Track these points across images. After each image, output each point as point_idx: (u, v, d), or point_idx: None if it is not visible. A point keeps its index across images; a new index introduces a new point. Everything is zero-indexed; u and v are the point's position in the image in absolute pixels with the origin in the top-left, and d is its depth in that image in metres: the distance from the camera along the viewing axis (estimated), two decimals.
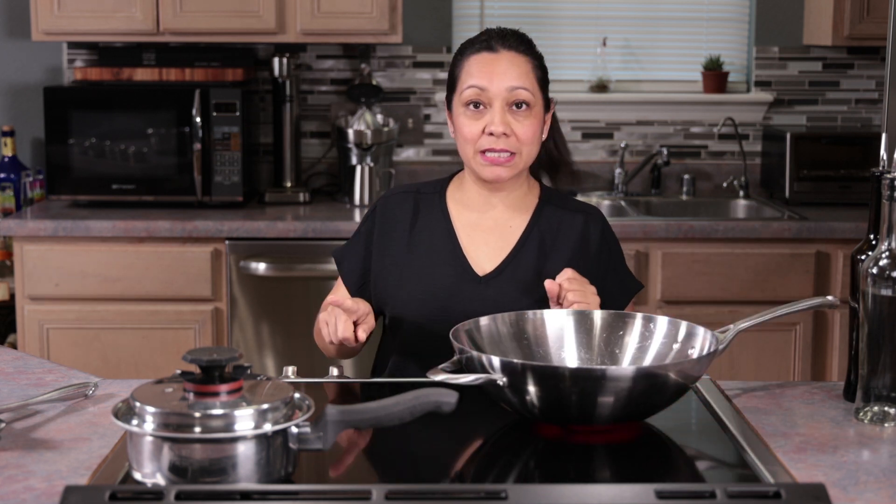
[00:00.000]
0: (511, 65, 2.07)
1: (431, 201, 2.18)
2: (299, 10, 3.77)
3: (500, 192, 2.14)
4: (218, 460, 1.36)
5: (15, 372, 1.96)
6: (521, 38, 2.13)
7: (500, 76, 2.06)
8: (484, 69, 2.07)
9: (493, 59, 2.08)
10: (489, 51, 2.09)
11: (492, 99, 2.06)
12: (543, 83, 2.12)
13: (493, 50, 2.09)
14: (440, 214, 2.16)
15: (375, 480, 1.50)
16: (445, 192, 2.19)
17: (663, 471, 1.56)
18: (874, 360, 1.66)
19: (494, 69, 2.07)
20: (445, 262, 2.11)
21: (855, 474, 1.48)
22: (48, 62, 4.14)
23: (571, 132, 4.25)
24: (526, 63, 2.09)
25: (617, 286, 2.17)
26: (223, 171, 3.75)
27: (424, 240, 2.14)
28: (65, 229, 3.57)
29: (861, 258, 1.74)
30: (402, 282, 2.11)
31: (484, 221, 2.15)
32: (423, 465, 1.59)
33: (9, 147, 4.02)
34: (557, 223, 2.15)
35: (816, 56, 4.23)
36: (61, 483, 1.43)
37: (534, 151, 2.11)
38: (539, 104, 2.10)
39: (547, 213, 2.16)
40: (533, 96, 2.08)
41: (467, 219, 2.15)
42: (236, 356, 1.41)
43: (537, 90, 2.09)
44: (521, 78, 2.07)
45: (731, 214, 4.10)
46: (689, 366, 1.62)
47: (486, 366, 1.60)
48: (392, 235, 2.15)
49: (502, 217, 2.15)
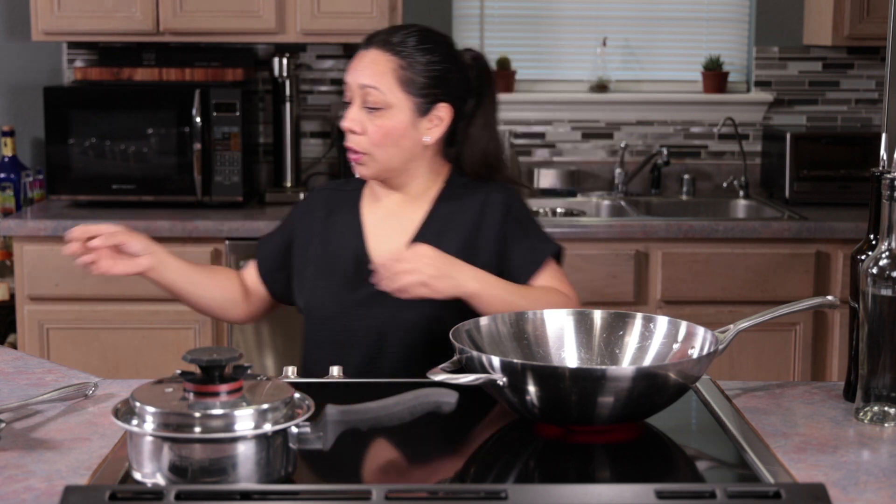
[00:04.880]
0: (370, 63, 2.06)
1: (350, 198, 2.20)
2: (299, 10, 3.77)
3: (394, 186, 2.14)
4: (218, 460, 1.36)
5: (15, 372, 1.96)
6: (395, 37, 2.08)
7: (356, 73, 2.07)
8: (352, 66, 2.09)
9: (360, 56, 2.09)
10: (363, 47, 2.10)
11: (353, 96, 2.08)
12: (413, 84, 2.06)
13: (365, 47, 2.09)
14: (354, 210, 2.18)
15: (375, 480, 1.50)
16: (363, 189, 2.20)
17: (663, 471, 1.55)
18: (874, 360, 1.66)
19: (356, 66, 2.08)
20: (349, 256, 2.13)
21: (855, 474, 1.48)
22: (48, 62, 4.14)
23: (571, 132, 4.25)
24: (386, 63, 2.05)
25: (527, 252, 2.09)
26: (223, 171, 3.75)
27: (336, 235, 2.16)
28: (65, 229, 3.53)
29: (861, 258, 1.74)
30: (311, 275, 2.15)
31: (386, 215, 2.16)
32: (423, 465, 1.59)
33: (9, 147, 4.02)
34: (456, 208, 2.12)
35: (816, 56, 4.23)
36: (61, 483, 1.43)
37: (393, 153, 2.07)
38: (404, 106, 2.05)
39: (447, 200, 2.13)
40: (386, 96, 2.04)
41: (374, 214, 2.17)
42: (236, 356, 1.41)
43: (397, 91, 2.05)
44: (374, 77, 2.05)
45: (731, 214, 4.10)
46: (689, 366, 1.62)
47: (486, 366, 1.60)
48: (312, 230, 2.18)
49: (402, 210, 2.15)
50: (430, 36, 2.11)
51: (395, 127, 2.06)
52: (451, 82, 2.10)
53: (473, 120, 2.15)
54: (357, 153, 2.08)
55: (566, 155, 4.26)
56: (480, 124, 2.16)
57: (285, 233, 2.23)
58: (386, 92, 2.05)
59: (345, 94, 2.10)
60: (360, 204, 2.19)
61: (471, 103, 2.15)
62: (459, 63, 2.13)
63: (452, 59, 2.12)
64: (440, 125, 2.10)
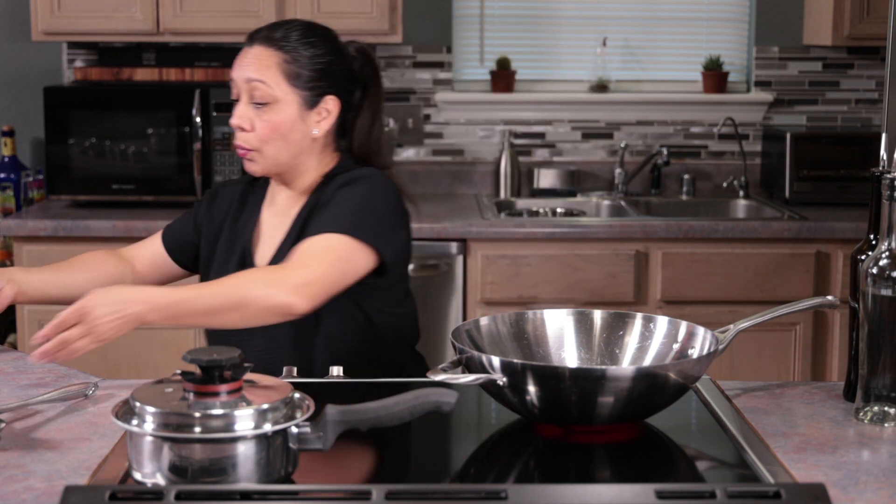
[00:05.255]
0: (254, 59, 2.06)
1: (257, 194, 2.21)
2: (299, 10, 3.77)
3: (286, 182, 2.14)
4: (218, 460, 1.36)
5: (15, 372, 1.96)
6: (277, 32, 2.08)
7: (242, 69, 2.07)
8: (236, 63, 2.08)
9: (244, 52, 2.09)
10: (247, 44, 2.09)
11: (239, 92, 2.07)
12: (299, 78, 2.05)
13: (248, 43, 2.09)
14: (255, 207, 2.19)
15: (375, 480, 1.50)
16: (268, 186, 2.20)
17: (663, 471, 1.55)
18: (874, 360, 1.66)
19: (241, 62, 2.08)
20: (236, 257, 2.14)
21: (855, 474, 1.48)
22: (48, 62, 4.14)
23: (571, 132, 4.25)
24: (271, 57, 2.05)
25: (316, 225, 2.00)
26: (223, 171, 3.75)
27: (236, 231, 2.18)
28: (65, 229, 3.56)
29: (861, 258, 1.74)
30: (214, 270, 2.16)
31: (275, 213, 2.16)
32: (423, 465, 1.59)
33: (9, 147, 4.02)
34: (321, 197, 2.09)
35: (816, 56, 4.23)
36: (61, 483, 1.43)
37: (282, 147, 2.06)
38: (291, 100, 2.05)
39: (319, 191, 2.11)
40: (273, 91, 2.04)
41: (268, 212, 2.18)
42: (236, 356, 1.41)
43: (284, 85, 2.05)
44: (260, 72, 2.05)
45: (731, 214, 4.10)
46: (689, 366, 1.62)
47: (486, 366, 1.60)
48: (221, 224, 2.20)
49: (290, 207, 2.15)
50: (313, 30, 2.11)
51: (283, 121, 2.06)
52: (337, 75, 2.10)
53: (361, 111, 2.15)
54: (246, 150, 2.08)
55: (566, 155, 4.26)
56: (368, 115, 2.15)
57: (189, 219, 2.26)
58: (273, 86, 2.04)
59: (231, 91, 2.09)
60: (262, 203, 2.20)
61: (357, 95, 2.15)
62: (344, 55, 2.13)
63: (337, 52, 2.12)
64: (328, 118, 2.10)
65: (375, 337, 2.09)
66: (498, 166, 4.15)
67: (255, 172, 2.11)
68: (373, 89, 2.16)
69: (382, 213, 2.03)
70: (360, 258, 1.97)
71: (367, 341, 2.08)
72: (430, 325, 3.63)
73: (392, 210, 2.06)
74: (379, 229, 2.00)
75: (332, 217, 1.99)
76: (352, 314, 2.05)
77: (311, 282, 1.86)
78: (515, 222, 3.64)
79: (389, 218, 2.04)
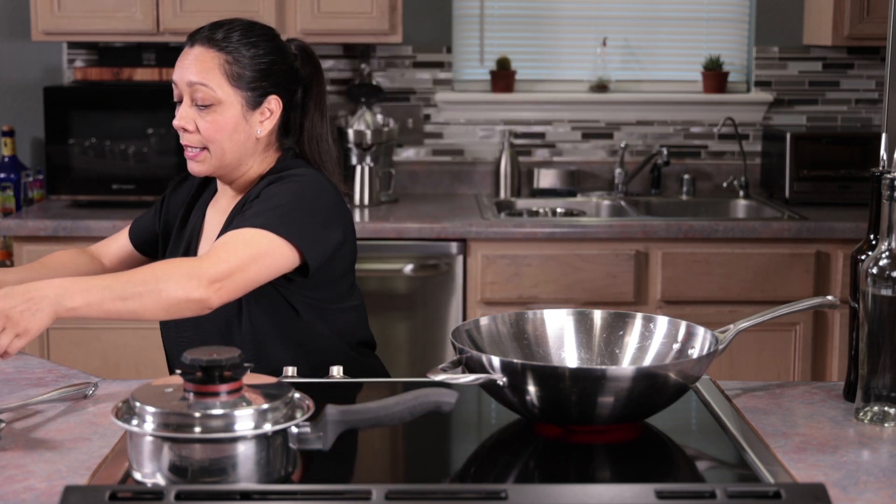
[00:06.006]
0: (195, 60, 2.05)
1: (210, 190, 2.22)
2: (299, 10, 3.77)
3: (230, 182, 2.14)
4: (218, 460, 1.36)
5: (15, 372, 1.96)
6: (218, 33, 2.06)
7: (183, 71, 2.05)
8: (178, 64, 2.07)
9: (185, 53, 2.07)
10: (187, 44, 2.08)
11: (181, 93, 2.07)
12: (241, 79, 2.05)
13: (189, 43, 2.08)
14: (204, 204, 2.20)
15: (375, 480, 1.50)
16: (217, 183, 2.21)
17: (663, 471, 1.55)
18: (874, 360, 1.66)
19: (182, 64, 2.06)
20: (183, 249, 2.15)
21: (855, 474, 1.48)
22: (48, 62, 4.14)
23: (571, 132, 4.26)
24: (212, 58, 2.04)
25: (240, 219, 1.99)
26: None
27: (185, 226, 2.19)
28: (65, 229, 3.56)
29: (861, 258, 1.74)
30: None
31: (218, 212, 2.16)
32: (423, 465, 1.59)
33: (9, 147, 4.02)
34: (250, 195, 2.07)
35: (816, 56, 4.23)
36: (61, 483, 1.43)
37: (227, 148, 2.05)
38: (234, 101, 2.04)
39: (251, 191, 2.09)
40: (216, 92, 2.03)
41: (212, 208, 2.18)
42: (236, 356, 1.41)
43: (226, 86, 2.04)
44: (202, 74, 2.04)
45: (731, 214, 4.10)
46: (689, 366, 1.62)
47: (486, 366, 1.60)
48: (175, 218, 2.21)
49: (225, 204, 2.15)
50: (253, 30, 2.09)
51: (226, 122, 2.05)
52: (279, 74, 2.09)
53: (307, 111, 2.15)
54: (199, 149, 2.07)
55: (566, 155, 4.26)
56: (312, 114, 2.15)
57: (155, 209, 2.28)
58: (215, 88, 2.03)
59: (173, 93, 2.08)
60: (210, 200, 2.20)
61: (300, 93, 2.15)
62: (286, 54, 2.12)
63: (278, 51, 2.10)
64: (271, 117, 2.09)
65: (304, 331, 2.08)
66: (498, 166, 4.16)
67: (199, 173, 2.09)
68: (315, 87, 2.15)
69: (310, 212, 2.01)
70: (281, 255, 1.95)
71: (293, 335, 2.07)
72: (430, 325, 3.63)
73: (321, 209, 2.03)
74: (303, 227, 1.98)
75: (255, 212, 1.98)
76: (276, 307, 2.05)
77: (226, 275, 1.85)
78: (515, 222, 3.64)
79: (318, 216, 2.02)
